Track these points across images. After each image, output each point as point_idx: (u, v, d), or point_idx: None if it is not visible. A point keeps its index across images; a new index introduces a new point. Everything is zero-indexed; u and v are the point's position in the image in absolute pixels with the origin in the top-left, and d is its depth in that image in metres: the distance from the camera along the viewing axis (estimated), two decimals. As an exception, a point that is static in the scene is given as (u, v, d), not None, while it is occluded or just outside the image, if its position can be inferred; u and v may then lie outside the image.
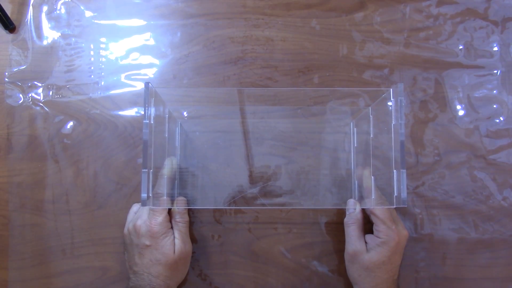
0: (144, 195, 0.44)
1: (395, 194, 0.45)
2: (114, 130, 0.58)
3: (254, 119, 0.58)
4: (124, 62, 0.59)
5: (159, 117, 0.50)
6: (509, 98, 0.59)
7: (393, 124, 0.46)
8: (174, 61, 0.59)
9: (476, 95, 0.59)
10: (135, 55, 0.60)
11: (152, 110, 0.46)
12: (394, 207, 0.45)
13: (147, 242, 0.49)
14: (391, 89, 0.46)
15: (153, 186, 0.50)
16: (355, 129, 0.57)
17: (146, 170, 0.44)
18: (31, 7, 0.60)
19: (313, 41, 0.60)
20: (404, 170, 0.44)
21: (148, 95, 0.45)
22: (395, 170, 0.45)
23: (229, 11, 0.60)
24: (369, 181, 0.52)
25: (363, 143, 0.55)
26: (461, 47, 0.60)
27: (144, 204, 0.44)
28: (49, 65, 0.59)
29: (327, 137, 0.58)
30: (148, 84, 0.45)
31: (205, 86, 0.59)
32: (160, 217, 0.50)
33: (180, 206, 0.53)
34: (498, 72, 0.59)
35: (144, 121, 0.45)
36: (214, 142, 0.58)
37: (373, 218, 0.50)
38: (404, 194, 0.44)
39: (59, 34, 0.60)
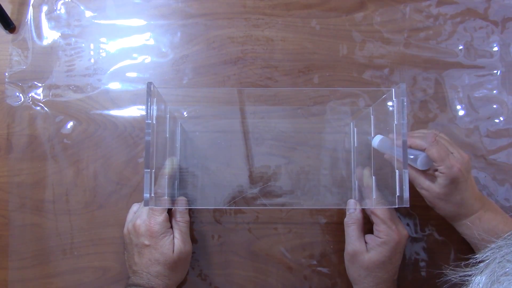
0: (146, 195, 0.44)
1: (397, 194, 0.45)
2: (114, 130, 0.58)
3: (254, 119, 0.58)
4: (124, 62, 0.59)
5: (160, 117, 0.50)
6: (509, 98, 0.59)
7: (395, 124, 0.45)
8: (174, 61, 0.59)
9: (476, 95, 0.59)
10: (135, 55, 0.60)
11: (154, 110, 0.46)
12: (397, 207, 0.45)
13: (147, 242, 0.49)
14: (393, 89, 0.46)
15: (154, 186, 0.50)
16: (355, 129, 0.57)
17: (149, 170, 0.44)
18: (31, 7, 0.60)
19: (313, 41, 0.60)
20: (407, 170, 0.44)
21: (151, 95, 0.45)
22: (397, 170, 0.45)
23: (229, 11, 0.60)
24: (370, 181, 0.52)
25: (363, 143, 0.55)
26: (461, 47, 0.60)
27: (146, 204, 0.44)
28: (49, 65, 0.59)
29: (327, 137, 0.58)
30: (151, 84, 0.45)
31: (205, 86, 0.59)
32: (160, 217, 0.50)
33: (180, 206, 0.53)
34: (498, 72, 0.59)
35: (146, 121, 0.45)
36: (214, 142, 0.58)
37: (373, 218, 0.50)
38: (406, 194, 0.44)
39: (59, 34, 0.60)
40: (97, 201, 0.57)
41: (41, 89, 0.58)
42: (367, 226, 0.53)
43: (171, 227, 0.52)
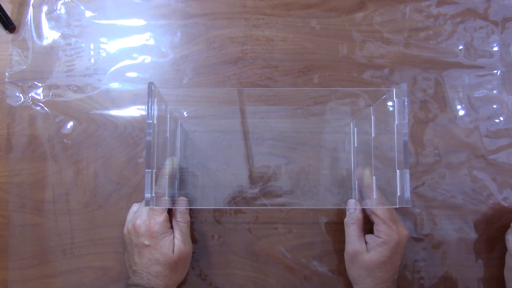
0: (147, 195, 0.44)
1: (398, 194, 0.45)
2: (114, 130, 0.58)
3: (254, 119, 0.58)
4: (124, 62, 0.59)
5: (160, 117, 0.50)
6: (509, 98, 0.59)
7: (396, 125, 0.45)
8: (174, 61, 0.59)
9: (476, 95, 0.59)
10: (135, 55, 0.59)
11: (155, 110, 0.46)
12: (397, 207, 0.45)
13: (146, 242, 0.49)
14: (394, 89, 0.46)
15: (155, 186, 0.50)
16: (355, 129, 0.57)
17: (150, 170, 0.44)
18: (31, 7, 0.60)
19: (313, 41, 0.60)
20: (408, 170, 0.44)
21: (151, 95, 0.45)
22: (398, 170, 0.45)
23: (229, 11, 0.60)
24: (370, 180, 0.52)
25: (363, 143, 0.55)
26: (461, 47, 0.60)
27: (147, 204, 0.44)
28: (49, 65, 0.59)
29: (327, 137, 0.58)
30: (152, 84, 0.45)
31: (205, 86, 0.59)
32: (160, 217, 0.50)
33: (181, 206, 0.53)
34: (498, 72, 0.59)
35: (147, 121, 0.45)
36: (214, 142, 0.58)
37: (373, 218, 0.50)
38: (407, 194, 0.44)
39: (59, 34, 0.60)
40: (97, 201, 0.57)
41: (41, 89, 0.58)
42: (367, 226, 0.53)
43: (171, 227, 0.52)
